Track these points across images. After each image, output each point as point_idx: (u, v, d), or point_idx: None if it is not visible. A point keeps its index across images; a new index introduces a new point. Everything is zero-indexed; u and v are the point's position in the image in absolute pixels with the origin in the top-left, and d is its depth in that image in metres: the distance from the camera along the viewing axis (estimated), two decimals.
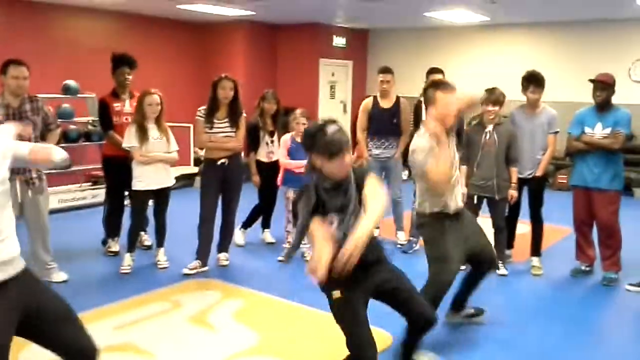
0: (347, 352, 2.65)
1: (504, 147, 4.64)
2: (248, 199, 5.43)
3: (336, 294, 2.61)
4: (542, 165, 4.83)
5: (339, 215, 2.58)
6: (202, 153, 8.47)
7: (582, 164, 4.71)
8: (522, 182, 4.85)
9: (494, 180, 4.66)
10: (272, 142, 5.48)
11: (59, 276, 4.51)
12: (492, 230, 4.83)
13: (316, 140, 2.54)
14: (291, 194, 5.14)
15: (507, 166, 4.69)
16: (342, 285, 2.58)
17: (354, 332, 2.58)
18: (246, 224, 5.74)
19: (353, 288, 2.60)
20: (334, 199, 2.60)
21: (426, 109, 3.40)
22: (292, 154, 5.02)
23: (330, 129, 2.54)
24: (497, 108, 4.61)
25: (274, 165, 5.39)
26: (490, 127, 4.68)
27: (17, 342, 2.21)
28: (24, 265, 2.25)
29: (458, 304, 3.79)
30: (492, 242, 4.84)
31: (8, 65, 4.14)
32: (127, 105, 5.14)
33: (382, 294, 2.74)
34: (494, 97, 4.59)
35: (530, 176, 4.85)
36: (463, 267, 3.65)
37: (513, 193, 4.71)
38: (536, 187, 4.91)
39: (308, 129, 2.68)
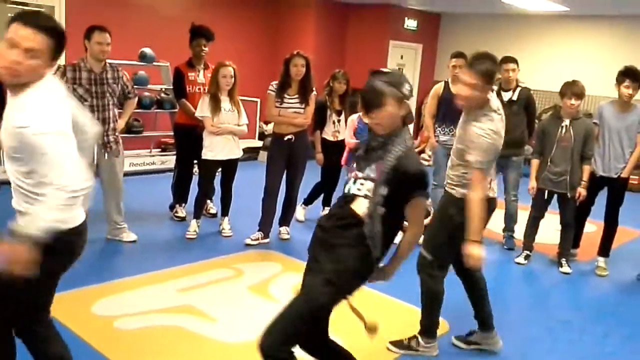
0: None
1: (580, 143, 4.48)
2: (311, 176, 5.49)
3: None
4: (629, 167, 4.62)
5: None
6: (267, 128, 8.66)
7: None
8: (604, 181, 4.70)
9: (567, 176, 4.52)
10: (338, 121, 5.50)
11: (129, 236, 4.70)
12: (560, 227, 4.72)
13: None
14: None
15: (581, 163, 4.54)
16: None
17: None
18: (307, 201, 5.81)
19: None
20: (364, 159, 2.31)
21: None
22: (358, 134, 5.02)
23: (372, 79, 2.25)
24: (579, 102, 4.42)
25: (339, 145, 5.42)
26: (567, 122, 4.53)
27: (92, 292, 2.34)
28: None
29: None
30: (559, 239, 4.78)
31: (93, 31, 4.28)
32: (200, 76, 5.26)
33: None
34: (577, 89, 4.39)
35: (616, 176, 4.65)
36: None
37: (582, 191, 4.55)
38: (619, 188, 4.72)
39: None
